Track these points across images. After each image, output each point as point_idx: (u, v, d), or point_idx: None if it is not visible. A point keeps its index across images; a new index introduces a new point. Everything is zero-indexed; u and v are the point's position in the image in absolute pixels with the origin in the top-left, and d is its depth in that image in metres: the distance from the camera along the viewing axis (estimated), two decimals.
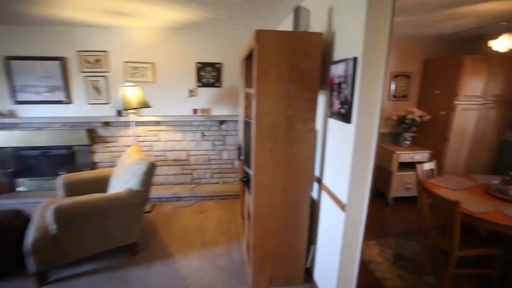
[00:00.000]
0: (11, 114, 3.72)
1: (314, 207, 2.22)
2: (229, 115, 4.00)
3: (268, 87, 1.73)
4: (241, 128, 2.94)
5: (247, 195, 2.57)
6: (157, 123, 3.88)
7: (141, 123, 3.89)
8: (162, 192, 3.86)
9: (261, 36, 1.66)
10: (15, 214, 2.60)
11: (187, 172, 4.09)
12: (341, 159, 1.67)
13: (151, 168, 2.56)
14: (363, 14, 1.40)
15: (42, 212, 2.55)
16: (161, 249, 2.84)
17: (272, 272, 2.19)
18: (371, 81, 1.44)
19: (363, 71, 1.42)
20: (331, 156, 1.86)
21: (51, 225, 2.17)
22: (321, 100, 2.04)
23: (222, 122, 3.99)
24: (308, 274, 2.42)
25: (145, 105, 3.32)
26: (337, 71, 1.67)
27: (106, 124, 3.84)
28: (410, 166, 3.99)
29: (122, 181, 2.62)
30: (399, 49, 4.02)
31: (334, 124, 1.78)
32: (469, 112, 3.69)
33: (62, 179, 2.92)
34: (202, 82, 3.89)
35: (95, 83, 3.79)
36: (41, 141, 3.71)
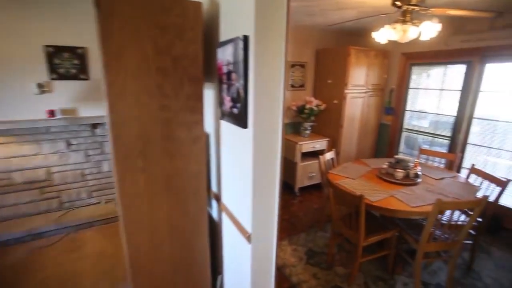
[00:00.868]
0: None
1: (215, 228, 1.79)
2: (105, 115, 3.11)
3: (126, 79, 1.15)
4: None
5: None
6: None
7: None
8: (11, 230, 2.72)
9: None
10: None
11: (51, 195, 3.02)
12: (241, 174, 1.28)
13: None
14: None
15: None
16: None
17: None
18: (269, 68, 1.06)
19: (257, 55, 1.03)
20: (228, 170, 1.45)
21: None
22: (210, 96, 1.59)
23: (95, 126, 3.07)
24: None
25: None
26: (225, 55, 1.24)
27: None
28: (311, 154, 4.07)
29: None
30: (294, 38, 3.96)
31: (228, 128, 1.36)
32: (356, 100, 3.96)
33: None
34: (59, 73, 2.85)
35: None
36: None
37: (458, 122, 3.47)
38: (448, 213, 2.14)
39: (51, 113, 2.87)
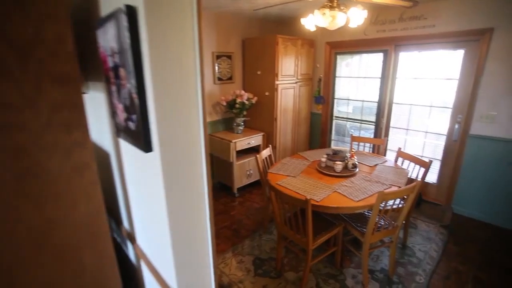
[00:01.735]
0: None
1: (136, 275, 1.36)
2: None
3: None
4: None
5: None
6: None
7: None
8: None
9: None
10: None
11: None
12: (153, 212, 0.89)
13: None
14: None
15: None
16: None
17: None
18: (175, 59, 0.70)
19: (153, 38, 0.65)
20: (137, 203, 1.04)
21: None
22: (104, 102, 1.13)
23: None
24: None
25: None
26: (107, 40, 0.81)
27: None
28: (247, 151, 3.82)
29: None
30: (218, 26, 3.58)
31: (128, 150, 0.95)
32: (288, 91, 3.84)
33: None
34: None
35: None
36: None
37: (381, 107, 3.67)
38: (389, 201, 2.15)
39: None
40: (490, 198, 3.01)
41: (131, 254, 1.35)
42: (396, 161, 2.83)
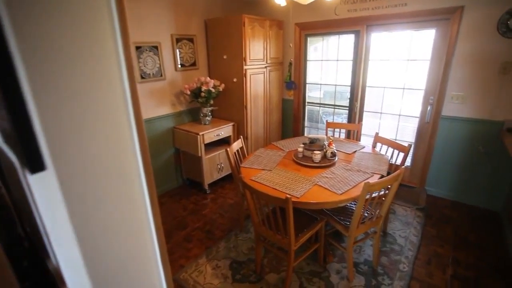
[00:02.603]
0: None
1: None
2: None
3: None
4: None
5: None
6: None
7: None
8: None
9: None
10: None
11: None
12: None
13: None
14: None
15: None
16: None
17: None
18: (71, 37, 0.39)
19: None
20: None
21: None
22: None
23: None
24: None
25: None
26: None
27: None
28: (217, 143, 3.52)
29: None
30: (176, 5, 3.15)
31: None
32: (257, 77, 3.56)
33: None
34: None
35: None
36: None
37: (354, 91, 3.55)
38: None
39: None
40: (459, 177, 3.05)
41: None
42: (374, 146, 2.72)
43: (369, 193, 1.73)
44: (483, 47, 2.64)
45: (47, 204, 0.41)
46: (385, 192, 1.97)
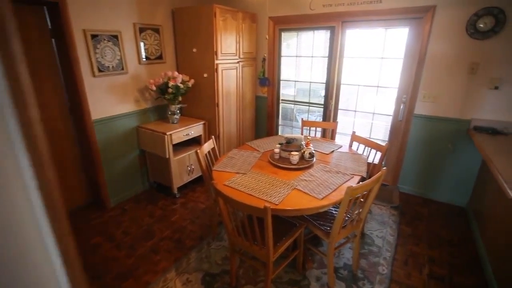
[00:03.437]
0: None
1: None
2: None
3: None
4: None
5: None
6: None
7: None
8: None
9: None
10: None
11: None
12: None
13: None
14: None
15: None
16: None
17: None
18: None
19: None
20: None
21: None
22: None
23: None
24: None
25: None
26: None
27: None
28: (187, 143, 3.27)
29: None
30: None
31: None
32: (229, 72, 3.35)
33: None
34: None
35: None
36: None
37: (329, 88, 3.47)
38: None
39: None
40: (430, 175, 3.10)
41: None
42: (350, 146, 2.65)
43: (351, 197, 1.62)
44: (454, 47, 2.68)
45: None
46: (366, 195, 1.88)
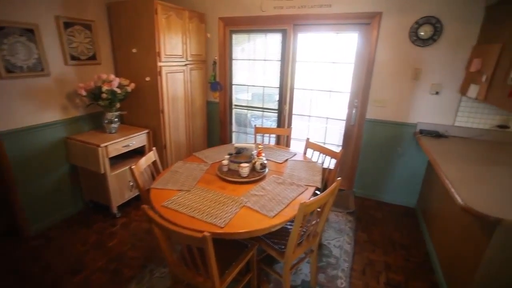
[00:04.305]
0: None
1: None
2: None
3: None
4: None
5: None
6: None
7: None
8: None
9: None
10: None
11: None
12: None
13: None
14: None
15: None
16: None
17: None
18: None
19: None
20: None
21: None
22: None
23: None
24: None
25: None
26: None
27: None
28: (128, 155, 2.89)
29: None
30: None
31: None
32: (176, 75, 3.06)
33: None
34: None
35: None
36: None
37: (283, 93, 3.36)
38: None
39: None
40: (382, 177, 3.15)
41: None
42: (305, 153, 2.54)
43: (305, 214, 1.47)
44: (399, 53, 2.74)
45: None
46: (321, 207, 1.75)
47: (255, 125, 2.93)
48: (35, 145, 2.44)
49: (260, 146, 2.07)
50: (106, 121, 2.75)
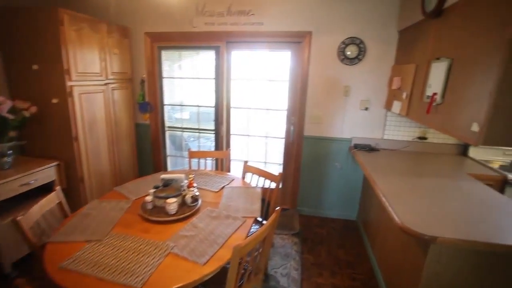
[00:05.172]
0: None
1: None
2: None
3: None
4: None
5: None
6: None
7: None
8: None
9: None
10: None
11: None
12: None
13: None
14: None
15: None
16: None
17: None
18: None
19: None
20: None
21: None
22: None
23: None
24: None
25: None
26: None
27: None
28: (33, 195, 2.32)
29: None
30: None
31: None
32: (92, 96, 2.63)
33: None
34: None
35: None
36: None
37: (219, 112, 3.18)
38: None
39: None
40: (323, 193, 3.15)
41: None
42: (243, 177, 2.37)
43: (241, 257, 1.26)
44: (330, 71, 2.81)
45: None
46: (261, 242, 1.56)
47: (189, 149, 2.66)
48: None
49: (191, 175, 1.81)
50: None
